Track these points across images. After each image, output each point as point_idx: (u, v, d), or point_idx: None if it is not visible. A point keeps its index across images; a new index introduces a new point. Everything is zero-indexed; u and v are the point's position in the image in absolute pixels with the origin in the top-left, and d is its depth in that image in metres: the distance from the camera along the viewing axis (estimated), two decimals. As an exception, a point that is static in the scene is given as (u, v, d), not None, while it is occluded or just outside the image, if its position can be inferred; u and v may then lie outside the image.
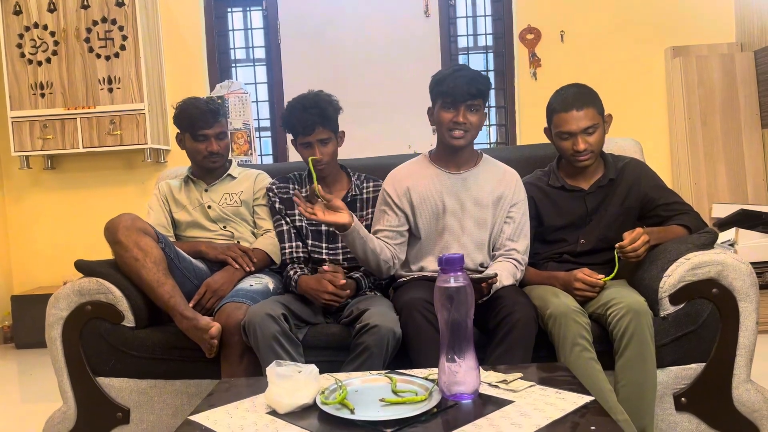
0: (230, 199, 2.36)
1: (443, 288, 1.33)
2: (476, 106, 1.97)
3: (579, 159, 2.00)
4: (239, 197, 2.36)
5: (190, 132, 2.31)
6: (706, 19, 3.91)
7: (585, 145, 1.97)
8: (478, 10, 4.18)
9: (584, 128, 1.97)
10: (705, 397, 1.84)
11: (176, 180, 2.43)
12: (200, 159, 2.32)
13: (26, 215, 4.19)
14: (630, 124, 3.70)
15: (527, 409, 1.26)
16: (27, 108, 3.78)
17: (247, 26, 4.29)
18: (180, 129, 2.35)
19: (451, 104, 1.96)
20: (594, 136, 1.98)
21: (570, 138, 1.99)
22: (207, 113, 2.28)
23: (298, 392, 1.32)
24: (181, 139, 2.37)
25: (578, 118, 1.96)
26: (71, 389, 2.02)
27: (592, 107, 1.98)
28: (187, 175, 2.40)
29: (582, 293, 1.88)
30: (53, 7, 3.74)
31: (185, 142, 2.34)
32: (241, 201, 2.35)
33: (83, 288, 2.00)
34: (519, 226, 2.06)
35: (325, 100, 2.16)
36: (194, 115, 2.28)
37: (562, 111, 1.98)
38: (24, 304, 3.86)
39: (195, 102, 2.32)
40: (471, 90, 1.93)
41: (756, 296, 1.82)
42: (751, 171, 3.73)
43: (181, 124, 2.33)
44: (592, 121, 1.97)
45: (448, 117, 1.97)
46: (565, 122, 1.98)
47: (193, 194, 2.38)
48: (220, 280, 2.13)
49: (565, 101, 1.99)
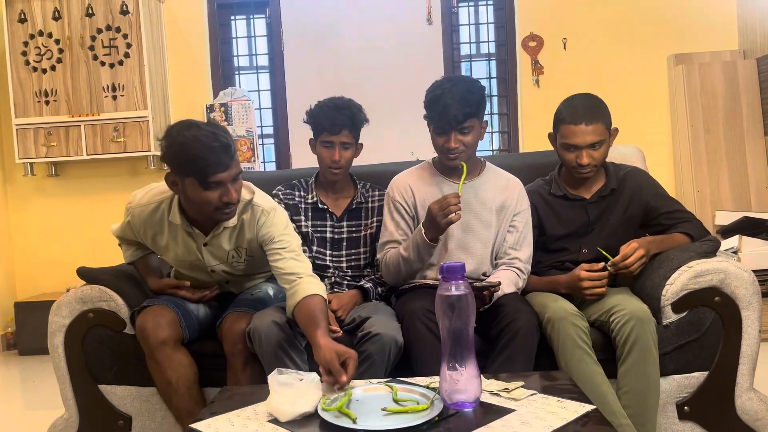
0: (238, 255, 1.96)
1: (444, 296, 1.33)
2: (467, 128, 1.95)
3: (581, 172, 1.99)
4: (246, 252, 1.95)
5: (196, 178, 1.71)
6: (709, 27, 3.92)
7: (589, 160, 1.95)
8: (481, 18, 4.19)
9: (590, 143, 1.95)
10: (708, 406, 1.83)
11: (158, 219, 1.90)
12: (211, 211, 1.77)
13: (30, 222, 4.20)
14: (633, 132, 3.70)
15: (528, 418, 1.26)
16: (31, 115, 3.79)
17: (251, 34, 4.31)
18: (177, 173, 1.74)
19: (442, 130, 1.96)
20: (599, 151, 1.97)
21: (575, 151, 1.97)
22: (219, 152, 1.69)
23: (300, 400, 1.32)
24: (175, 182, 1.76)
25: (586, 132, 1.94)
26: (73, 396, 2.03)
27: (600, 122, 1.96)
28: (180, 224, 1.87)
29: (591, 291, 1.87)
30: (58, 15, 3.76)
31: (186, 189, 1.75)
32: (252, 253, 1.96)
33: (85, 295, 2.01)
34: (522, 235, 2.06)
35: (356, 107, 2.18)
36: (203, 156, 1.68)
37: (571, 123, 1.95)
38: (27, 311, 3.86)
39: (199, 136, 1.68)
40: (459, 117, 1.91)
41: (759, 304, 1.82)
42: (754, 178, 3.72)
43: (180, 168, 1.72)
44: (599, 137, 1.95)
45: (441, 141, 1.98)
46: (572, 134, 1.96)
47: (189, 245, 1.92)
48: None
49: (575, 113, 1.96)
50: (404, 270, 2.01)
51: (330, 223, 2.22)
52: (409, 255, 1.96)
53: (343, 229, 2.22)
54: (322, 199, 2.24)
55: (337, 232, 2.22)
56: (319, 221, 2.22)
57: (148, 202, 1.91)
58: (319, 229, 2.22)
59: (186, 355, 1.91)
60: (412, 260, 1.97)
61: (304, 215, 2.23)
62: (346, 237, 2.22)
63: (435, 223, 1.86)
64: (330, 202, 2.24)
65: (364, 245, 2.22)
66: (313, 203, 2.23)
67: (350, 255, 2.21)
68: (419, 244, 1.93)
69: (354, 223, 2.23)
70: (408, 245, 1.98)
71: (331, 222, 2.22)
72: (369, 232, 2.22)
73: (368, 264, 2.22)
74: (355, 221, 2.23)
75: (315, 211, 2.23)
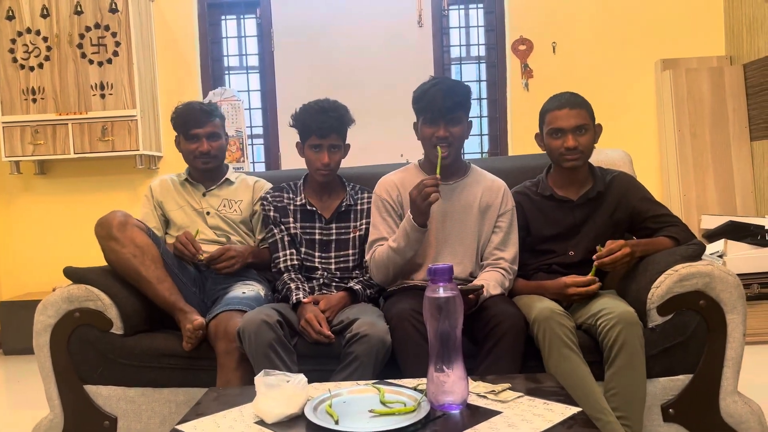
0: (229, 206, 2.35)
1: (432, 298, 1.33)
2: (457, 118, 1.99)
3: (568, 158, 2.02)
4: (239, 206, 2.35)
5: (183, 132, 2.31)
6: (696, 33, 3.96)
7: (575, 143, 2.00)
8: (471, 21, 4.21)
9: (575, 126, 2.00)
10: (693, 409, 1.84)
11: (173, 177, 2.41)
12: (192, 159, 2.32)
13: (16, 220, 4.16)
14: (620, 136, 3.73)
15: (515, 420, 1.26)
16: (18, 113, 3.76)
17: (241, 34, 4.30)
18: (176, 130, 2.34)
19: (432, 120, 1.99)
20: (584, 137, 2.01)
21: (561, 136, 2.02)
22: (199, 113, 2.28)
23: (287, 402, 1.32)
24: (178, 142, 2.37)
25: (570, 115, 2.01)
26: (58, 397, 2.01)
27: (584, 109, 2.03)
28: (185, 177, 2.38)
29: (579, 298, 1.91)
30: (46, 13, 3.73)
31: (180, 144, 2.34)
32: (241, 210, 2.35)
33: (72, 295, 1.99)
34: (507, 235, 2.07)
35: (342, 108, 2.19)
36: (187, 114, 2.29)
37: (556, 109, 2.03)
38: (12, 310, 3.83)
39: (190, 104, 2.34)
40: (448, 103, 1.96)
41: (743, 308, 1.84)
42: (740, 183, 3.76)
43: (176, 125, 2.33)
44: (583, 120, 2.01)
45: (431, 132, 2.01)
46: (557, 119, 2.02)
47: (191, 196, 2.35)
48: (240, 250, 2.21)
49: (559, 101, 2.05)
50: (393, 263, 2.02)
51: (319, 225, 2.22)
52: (399, 244, 1.98)
53: (332, 231, 2.22)
54: (311, 201, 2.24)
55: (325, 234, 2.22)
56: (307, 223, 2.22)
57: (162, 178, 2.42)
58: (308, 231, 2.22)
59: (149, 238, 2.03)
60: (402, 248, 1.98)
61: (292, 217, 2.22)
62: (335, 239, 2.22)
63: (416, 207, 1.91)
64: (319, 204, 2.24)
65: (353, 247, 2.22)
66: (302, 205, 2.23)
67: (339, 257, 2.21)
68: (408, 231, 1.95)
69: (343, 225, 2.23)
70: (397, 235, 1.99)
71: (320, 224, 2.22)
72: (358, 234, 2.22)
73: (357, 266, 2.22)
74: (344, 223, 2.23)
75: (304, 213, 2.23)
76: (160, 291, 1.97)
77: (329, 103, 2.18)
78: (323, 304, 2.00)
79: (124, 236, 1.97)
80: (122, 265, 1.99)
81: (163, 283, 1.98)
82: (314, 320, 1.90)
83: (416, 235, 1.95)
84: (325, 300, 2.03)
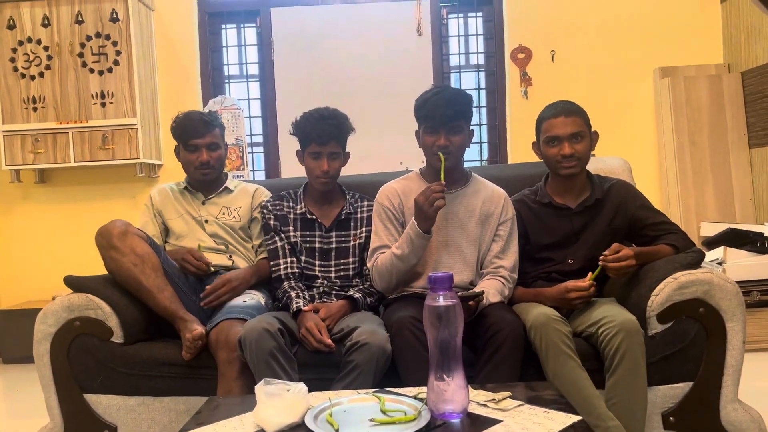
0: (228, 214, 2.35)
1: (432, 307, 1.33)
2: (457, 127, 2.00)
3: (565, 166, 2.03)
4: (238, 213, 2.36)
5: (182, 142, 2.32)
6: (694, 41, 3.98)
7: (571, 151, 2.01)
8: (470, 29, 4.23)
9: (571, 133, 2.01)
10: (693, 416, 1.84)
11: (173, 186, 2.41)
12: (192, 170, 2.33)
13: (16, 229, 4.16)
14: (619, 143, 3.75)
15: (515, 429, 1.26)
16: (19, 122, 3.77)
17: (241, 43, 4.32)
18: (176, 140, 2.35)
19: (432, 128, 2.00)
20: (581, 144, 2.03)
21: (557, 144, 2.03)
22: (199, 123, 2.29)
23: (287, 411, 1.32)
24: (177, 151, 2.37)
25: (566, 123, 2.02)
26: (58, 406, 2.01)
27: (579, 117, 2.05)
28: (185, 186, 2.38)
29: (581, 302, 1.91)
30: (47, 22, 3.75)
31: (180, 154, 2.35)
32: (240, 216, 2.35)
33: (72, 303, 1.99)
34: (507, 244, 2.08)
35: (342, 116, 2.20)
36: (187, 125, 2.30)
37: (551, 117, 2.05)
38: (12, 319, 3.82)
39: (190, 113, 2.35)
40: (449, 112, 1.97)
41: (743, 315, 1.84)
42: (739, 190, 3.77)
43: (176, 135, 2.34)
44: (579, 128, 2.02)
45: (432, 140, 2.02)
46: (553, 127, 2.04)
47: (191, 204, 2.36)
48: (241, 277, 2.18)
49: (554, 109, 2.06)
50: (397, 270, 2.02)
51: (319, 233, 2.23)
52: (403, 251, 1.98)
53: (332, 240, 2.23)
54: (311, 210, 2.25)
55: (325, 242, 2.22)
56: (307, 231, 2.23)
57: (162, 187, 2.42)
58: (308, 239, 2.22)
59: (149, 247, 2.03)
60: (406, 255, 1.98)
61: (292, 225, 2.23)
62: (335, 247, 2.22)
63: (423, 213, 1.92)
64: (319, 212, 2.25)
65: (353, 255, 2.22)
66: (302, 214, 2.24)
67: (339, 265, 2.21)
68: (413, 237, 1.95)
69: (343, 234, 2.24)
70: (401, 242, 1.99)
71: (320, 232, 2.23)
72: (358, 243, 2.23)
73: (357, 274, 2.22)
74: (344, 231, 2.24)
75: (304, 221, 2.24)
76: (161, 300, 1.97)
77: (329, 111, 2.19)
78: (323, 313, 2.01)
79: (124, 245, 1.98)
80: (123, 274, 1.99)
81: (163, 292, 1.98)
82: (314, 329, 1.90)
83: (420, 242, 1.96)
84: (326, 308, 2.03)
